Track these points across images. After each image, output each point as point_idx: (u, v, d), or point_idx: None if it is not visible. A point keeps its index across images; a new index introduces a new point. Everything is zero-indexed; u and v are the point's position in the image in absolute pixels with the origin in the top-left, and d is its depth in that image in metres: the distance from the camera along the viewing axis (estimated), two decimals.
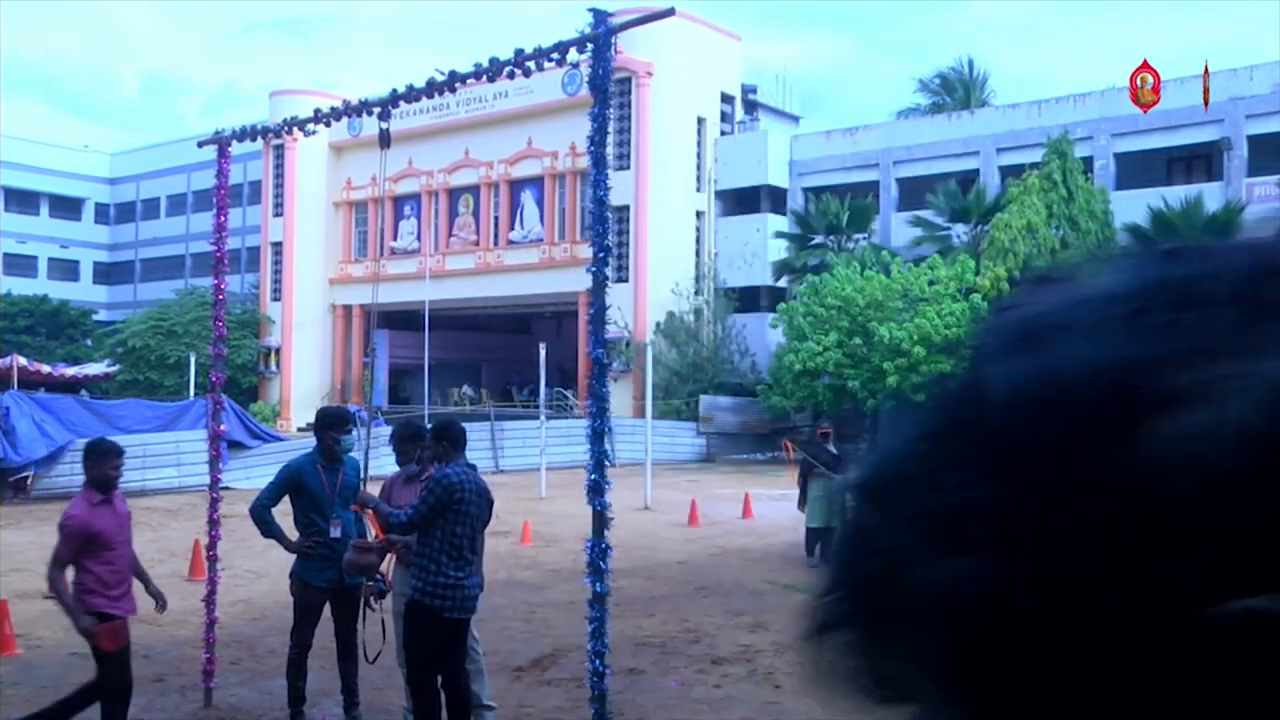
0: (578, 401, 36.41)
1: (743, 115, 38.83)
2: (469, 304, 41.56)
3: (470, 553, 5.47)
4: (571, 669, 7.48)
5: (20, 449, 18.01)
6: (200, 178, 50.96)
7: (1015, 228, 28.24)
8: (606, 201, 4.71)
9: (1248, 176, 29.06)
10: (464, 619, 5.52)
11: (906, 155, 34.90)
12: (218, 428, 6.96)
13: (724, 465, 29.36)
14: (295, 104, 39.15)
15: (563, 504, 18.35)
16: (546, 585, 10.92)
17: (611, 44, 4.60)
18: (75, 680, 7.21)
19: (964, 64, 39.25)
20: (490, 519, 5.71)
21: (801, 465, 13.11)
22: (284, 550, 6.31)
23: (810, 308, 28.74)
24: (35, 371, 29.39)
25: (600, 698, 4.78)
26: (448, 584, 5.35)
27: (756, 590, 10.75)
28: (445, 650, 5.47)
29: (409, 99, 5.69)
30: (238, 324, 43.29)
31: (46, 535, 14.13)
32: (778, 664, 7.83)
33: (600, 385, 4.75)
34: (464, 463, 5.54)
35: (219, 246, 6.98)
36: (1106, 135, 31.06)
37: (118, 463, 5.54)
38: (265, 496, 6.24)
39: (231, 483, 14.15)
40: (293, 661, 6.21)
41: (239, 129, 6.79)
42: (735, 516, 16.82)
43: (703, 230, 36.92)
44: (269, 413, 41.06)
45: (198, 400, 23.23)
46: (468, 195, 41.70)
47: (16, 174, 55.37)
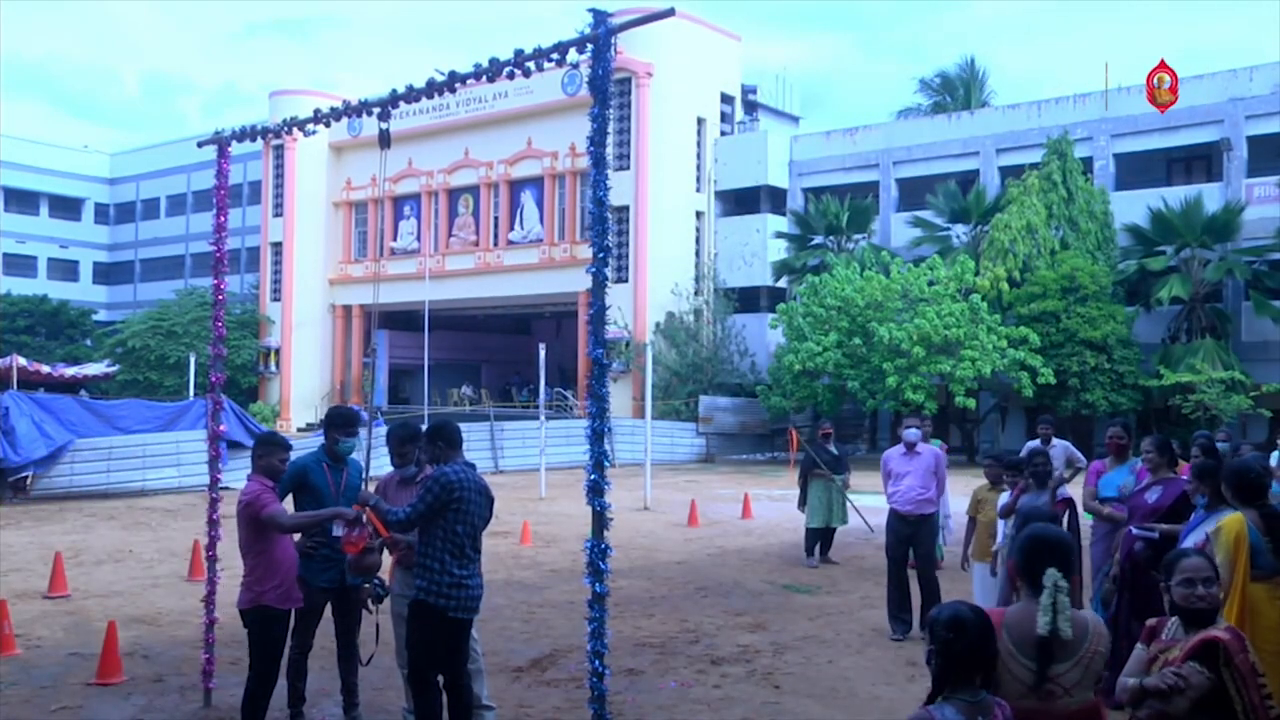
0: (577, 402, 36.42)
1: (743, 115, 38.82)
2: (469, 304, 41.55)
3: (472, 550, 5.47)
4: (571, 669, 7.48)
5: (20, 449, 18.00)
6: (200, 178, 51.02)
7: (1015, 228, 28.23)
8: (606, 202, 4.71)
9: (1247, 177, 29.05)
10: (467, 619, 5.51)
11: (906, 155, 34.90)
12: (217, 428, 6.95)
13: (723, 465, 29.36)
14: (295, 104, 39.19)
15: (562, 504, 18.36)
16: (546, 585, 10.92)
17: (611, 44, 4.60)
18: (75, 680, 7.23)
19: (965, 63, 39.30)
20: (491, 517, 5.70)
21: (802, 465, 13.10)
22: None
23: (810, 308, 28.73)
24: (35, 371, 29.37)
25: (600, 698, 4.79)
26: (452, 582, 5.34)
27: (756, 590, 10.74)
28: (448, 650, 5.46)
29: (409, 99, 5.69)
30: (237, 324, 43.29)
31: (46, 535, 14.18)
32: (777, 664, 7.83)
33: (600, 385, 4.75)
34: (462, 462, 5.54)
35: (219, 246, 6.98)
36: (1106, 135, 31.06)
37: (285, 455, 5.93)
38: None
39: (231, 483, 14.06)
40: (293, 662, 6.21)
41: (239, 129, 6.78)
42: (735, 517, 16.82)
43: (702, 230, 36.92)
44: (269, 413, 41.06)
45: (197, 400, 23.21)
46: (467, 195, 41.68)
47: (16, 174, 55.37)
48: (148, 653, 7.99)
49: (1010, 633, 3.41)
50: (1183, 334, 28.07)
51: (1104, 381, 26.86)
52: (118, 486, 19.19)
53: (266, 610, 5.76)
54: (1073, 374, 26.86)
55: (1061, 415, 26.28)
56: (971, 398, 27.13)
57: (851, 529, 13.39)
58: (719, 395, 32.99)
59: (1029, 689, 3.36)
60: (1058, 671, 3.36)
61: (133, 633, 8.49)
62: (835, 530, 12.75)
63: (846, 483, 12.85)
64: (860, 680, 7.43)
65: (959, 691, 3.03)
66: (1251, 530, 5.00)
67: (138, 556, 12.61)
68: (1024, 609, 3.48)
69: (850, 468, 13.49)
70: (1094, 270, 27.57)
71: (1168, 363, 26.74)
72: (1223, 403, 25.17)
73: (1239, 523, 5.00)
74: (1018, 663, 3.38)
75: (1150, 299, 27.64)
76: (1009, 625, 3.42)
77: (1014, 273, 28.09)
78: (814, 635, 8.78)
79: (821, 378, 28.88)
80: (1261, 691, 3.46)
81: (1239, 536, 4.93)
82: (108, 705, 6.71)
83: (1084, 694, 3.39)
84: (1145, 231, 28.59)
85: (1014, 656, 3.38)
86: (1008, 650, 3.37)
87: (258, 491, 5.73)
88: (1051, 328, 27.29)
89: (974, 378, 26.35)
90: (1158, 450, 6.83)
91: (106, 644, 7.26)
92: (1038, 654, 3.36)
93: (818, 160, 36.53)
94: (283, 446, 5.93)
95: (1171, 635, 3.69)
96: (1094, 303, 27.18)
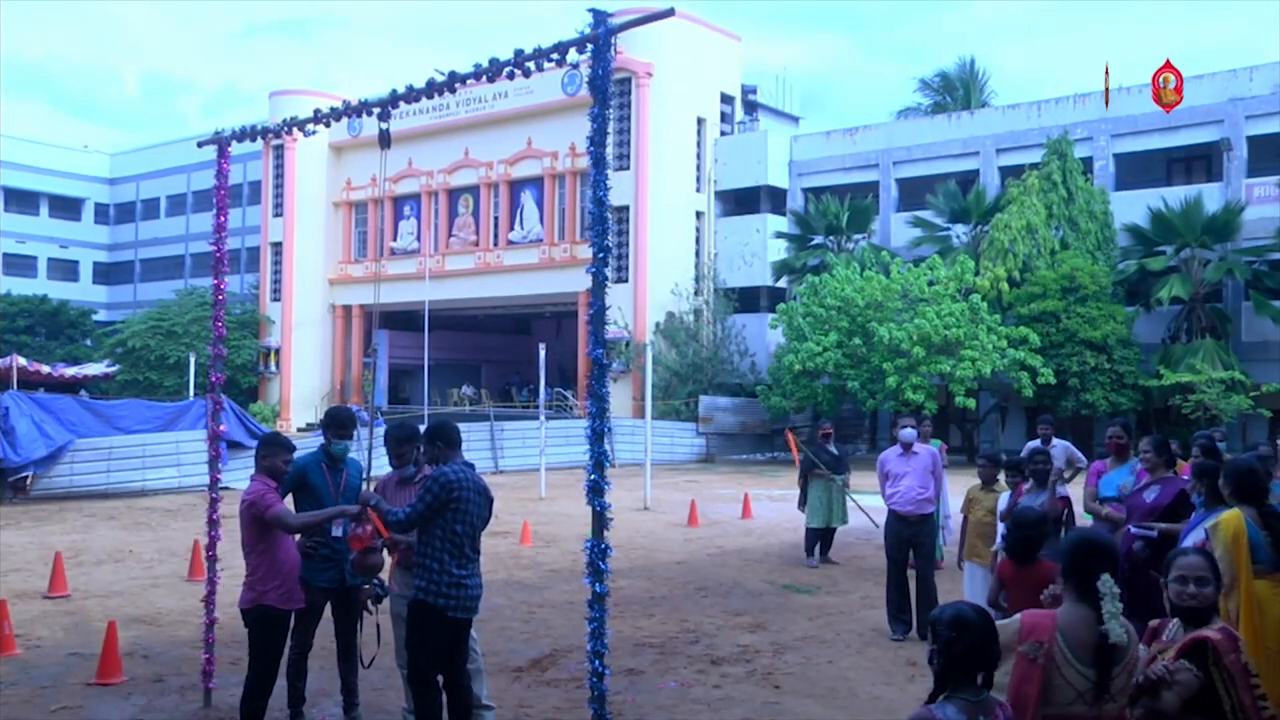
0: (577, 402, 36.41)
1: (742, 115, 38.81)
2: (469, 304, 41.55)
3: (471, 550, 5.47)
4: (571, 669, 7.48)
5: (20, 449, 17.98)
6: (200, 178, 51.01)
7: (1015, 228, 28.23)
8: (606, 202, 4.71)
9: (1247, 177, 29.05)
10: (466, 619, 5.51)
11: (906, 155, 34.90)
12: (217, 428, 6.95)
13: (723, 465, 29.36)
14: (295, 104, 39.19)
15: (562, 504, 18.35)
16: (546, 585, 10.92)
17: (611, 44, 4.60)
18: (75, 680, 7.23)
19: (965, 64, 39.30)
20: (490, 517, 5.70)
21: (802, 465, 13.09)
22: None
23: (810, 308, 28.72)
24: (35, 371, 29.34)
25: (599, 698, 4.78)
26: (451, 582, 5.34)
27: (756, 590, 10.74)
28: (447, 650, 5.46)
29: (409, 100, 5.68)
30: (237, 324, 43.28)
31: (46, 535, 14.18)
32: (777, 664, 7.83)
33: (600, 385, 4.74)
34: (461, 462, 5.54)
35: (219, 246, 6.97)
36: (1106, 135, 31.06)
37: (288, 456, 5.98)
38: None
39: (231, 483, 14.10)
40: (292, 662, 6.21)
41: (239, 129, 6.78)
42: (735, 517, 16.82)
43: (702, 230, 36.92)
44: (269, 413, 41.05)
45: (197, 400, 23.20)
46: (467, 195, 41.68)
47: (16, 174, 55.37)
48: (148, 653, 7.98)
49: (1068, 638, 3.33)
50: (1183, 334, 28.06)
51: (1104, 381, 26.85)
52: (118, 486, 19.18)
53: (268, 610, 5.77)
54: (1073, 374, 26.85)
55: (1061, 415, 26.28)
56: (971, 398, 27.12)
57: (852, 529, 13.38)
58: (719, 395, 32.98)
59: (1081, 695, 3.30)
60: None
61: (133, 633, 8.49)
62: (835, 530, 12.75)
63: (847, 483, 12.85)
64: (860, 680, 7.43)
65: (961, 691, 3.02)
66: (1250, 525, 4.99)
67: (138, 556, 12.61)
68: (1076, 614, 3.40)
69: (850, 468, 13.49)
70: (1094, 270, 27.57)
71: (1168, 363, 26.73)
72: (1223, 403, 25.17)
73: (1236, 519, 4.99)
74: (1074, 670, 3.31)
75: (1150, 299, 27.63)
76: (1064, 630, 3.35)
77: (1014, 273, 28.09)
78: (814, 635, 8.78)
79: (821, 378, 28.87)
80: (1255, 693, 3.44)
81: (1237, 532, 4.93)
82: (108, 705, 6.71)
83: (1124, 699, 3.39)
84: (1145, 231, 28.59)
85: (1070, 663, 3.31)
86: (1063, 657, 3.30)
87: (262, 492, 5.74)
88: (1051, 328, 27.28)
89: (974, 378, 26.35)
90: (1155, 450, 6.84)
91: (106, 644, 7.26)
92: (1097, 661, 3.30)
93: (818, 160, 36.53)
94: (286, 448, 5.95)
95: (1171, 636, 3.69)
96: (1094, 303, 27.17)
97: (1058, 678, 3.29)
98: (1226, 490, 5.28)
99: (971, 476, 9.88)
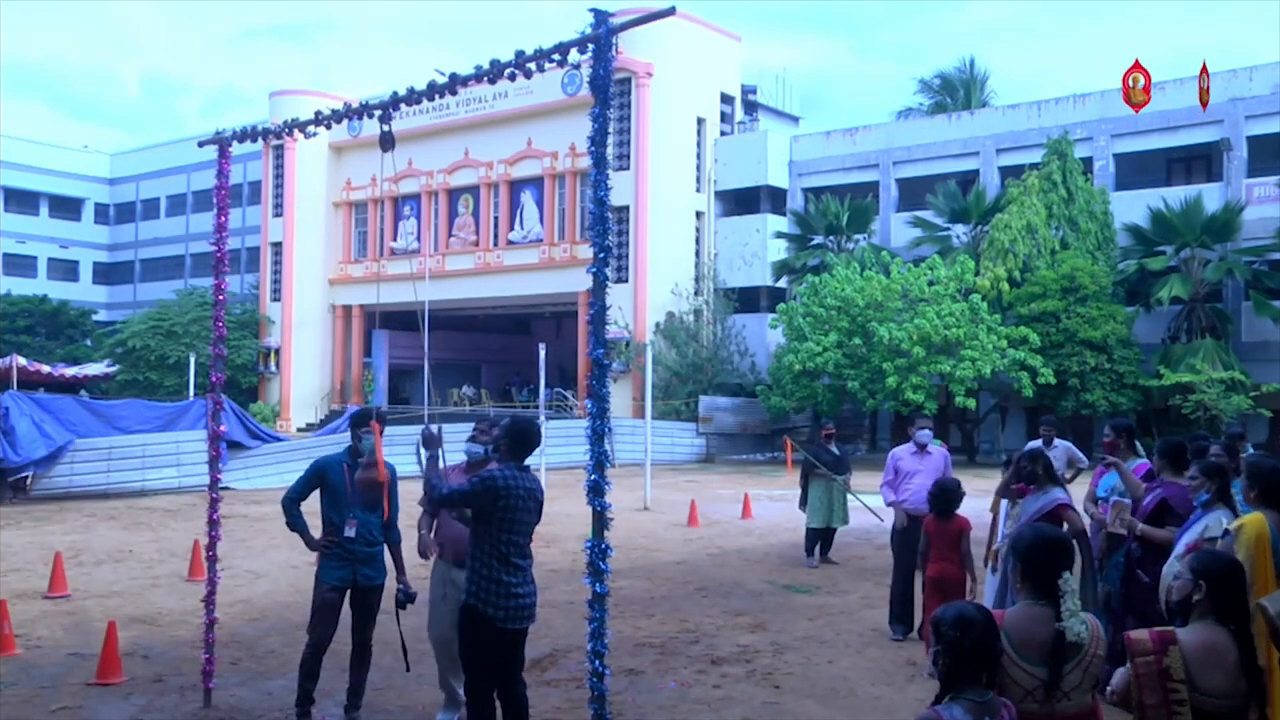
0: (577, 402, 36.40)
1: (742, 116, 38.82)
2: (469, 304, 41.53)
3: (519, 559, 5.31)
4: (571, 669, 7.48)
5: (20, 449, 17.98)
6: (200, 178, 51.03)
7: (1015, 228, 28.22)
8: (606, 202, 4.70)
9: (1247, 177, 29.05)
10: (520, 628, 5.35)
11: (906, 156, 34.90)
12: (217, 428, 6.94)
13: (723, 466, 29.36)
14: (295, 105, 39.21)
15: (562, 504, 18.30)
16: (546, 585, 10.89)
17: (612, 44, 4.59)
18: (75, 680, 7.23)
19: (965, 64, 39.32)
20: (539, 520, 5.51)
21: (803, 465, 13.09)
22: (286, 551, 6.31)
23: (810, 308, 28.73)
24: (35, 372, 29.32)
25: (600, 698, 4.78)
26: (500, 591, 5.20)
27: (756, 590, 10.74)
28: (500, 660, 5.31)
29: (409, 101, 5.67)
30: (237, 324, 43.28)
31: (46, 535, 14.18)
32: (777, 664, 7.83)
33: (600, 385, 4.74)
34: (515, 466, 5.36)
35: (219, 247, 6.97)
36: (1106, 136, 31.06)
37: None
38: (294, 490, 6.32)
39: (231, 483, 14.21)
40: (304, 660, 6.20)
41: (239, 130, 6.77)
42: (735, 517, 16.81)
43: (702, 230, 36.92)
44: (269, 413, 41.02)
45: (197, 400, 23.19)
46: (468, 195, 41.66)
47: (16, 174, 55.37)
48: (148, 653, 7.98)
49: (1012, 637, 3.33)
50: (1183, 334, 28.06)
51: (1104, 381, 26.85)
52: (118, 486, 19.18)
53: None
54: (1073, 374, 26.85)
55: (1061, 415, 26.28)
56: (971, 398, 27.12)
57: (852, 529, 13.38)
58: (719, 395, 32.98)
59: (1030, 694, 3.29)
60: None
61: (133, 633, 8.49)
62: (835, 530, 12.75)
63: (848, 483, 12.86)
64: (860, 680, 7.43)
65: (966, 691, 3.02)
66: (1272, 530, 4.91)
67: (138, 556, 12.60)
68: (1026, 612, 3.41)
69: (851, 468, 13.49)
70: (1094, 270, 27.57)
71: (1168, 363, 26.73)
72: (1223, 403, 25.17)
73: (1260, 523, 4.84)
74: (1020, 668, 3.31)
75: (1150, 299, 27.63)
76: (1010, 629, 3.34)
77: (1014, 273, 28.09)
78: (814, 635, 8.78)
79: (821, 378, 28.88)
80: (1172, 695, 3.31)
81: (1260, 536, 4.82)
82: (107, 705, 6.71)
83: (1083, 697, 3.36)
84: (1145, 231, 28.59)
85: (1015, 662, 3.31)
86: (1009, 656, 3.30)
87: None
88: (1051, 328, 27.28)
89: (974, 378, 26.35)
90: (1115, 433, 7.26)
91: (106, 644, 7.26)
92: (1050, 659, 3.30)
93: (818, 160, 36.53)
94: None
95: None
96: (1094, 303, 27.17)
97: (1004, 677, 3.28)
98: (1253, 492, 5.04)
99: (971, 477, 9.87)
